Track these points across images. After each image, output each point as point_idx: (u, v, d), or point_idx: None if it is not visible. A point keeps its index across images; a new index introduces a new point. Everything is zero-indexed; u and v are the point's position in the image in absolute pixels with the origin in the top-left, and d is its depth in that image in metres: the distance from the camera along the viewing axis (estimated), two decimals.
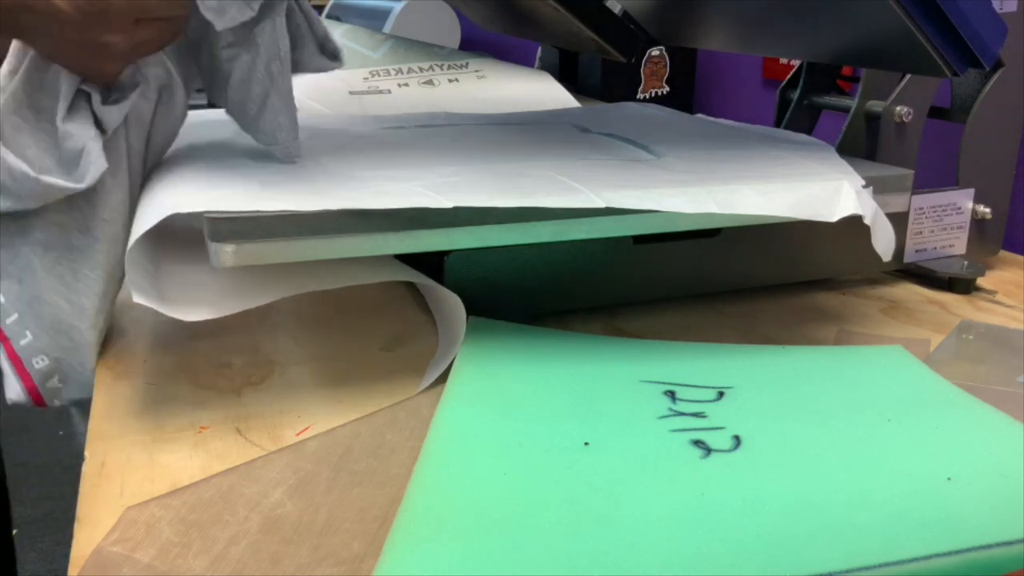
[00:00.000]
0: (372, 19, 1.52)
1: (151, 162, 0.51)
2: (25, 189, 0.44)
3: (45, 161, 0.45)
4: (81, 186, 0.45)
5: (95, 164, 0.45)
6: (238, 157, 0.51)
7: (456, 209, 0.43)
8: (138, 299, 0.41)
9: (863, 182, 0.49)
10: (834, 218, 0.46)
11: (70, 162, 0.45)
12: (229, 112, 0.51)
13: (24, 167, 0.44)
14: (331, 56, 0.51)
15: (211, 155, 0.51)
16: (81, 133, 0.45)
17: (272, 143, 0.49)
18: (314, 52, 0.50)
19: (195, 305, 0.44)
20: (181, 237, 0.49)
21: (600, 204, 0.44)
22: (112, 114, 0.46)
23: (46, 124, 0.45)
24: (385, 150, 0.57)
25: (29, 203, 0.45)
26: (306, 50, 0.50)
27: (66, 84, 0.45)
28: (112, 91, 0.47)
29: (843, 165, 0.53)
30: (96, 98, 0.46)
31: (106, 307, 0.49)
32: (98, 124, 0.46)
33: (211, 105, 0.55)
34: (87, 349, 0.48)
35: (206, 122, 0.60)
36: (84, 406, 0.48)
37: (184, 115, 0.51)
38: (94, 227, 0.47)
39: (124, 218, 0.48)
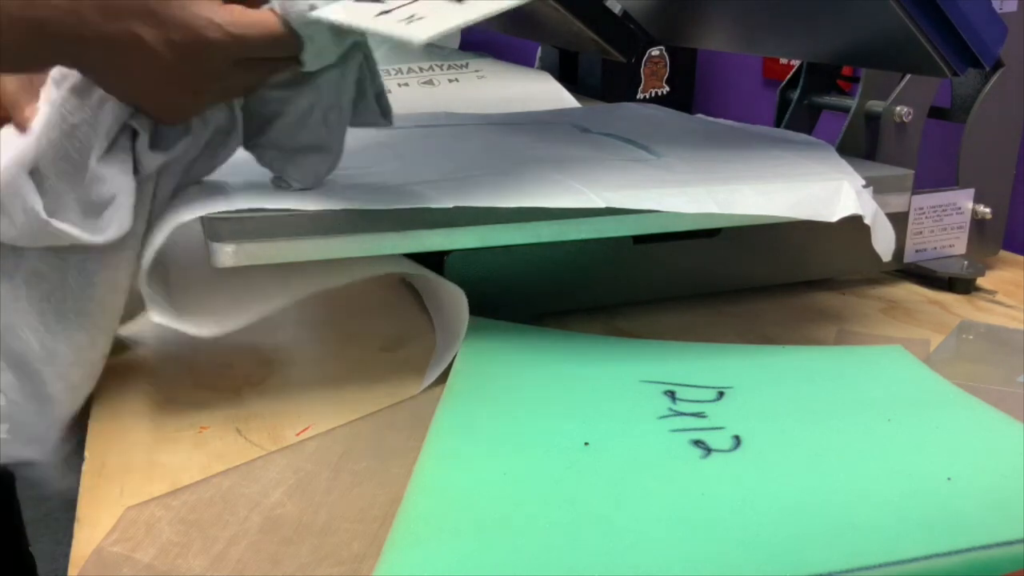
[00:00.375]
0: None
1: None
2: (31, 227, 0.39)
3: (63, 198, 0.40)
4: (97, 240, 0.40)
5: (120, 221, 0.40)
6: (240, 158, 0.51)
7: (456, 209, 0.43)
8: (156, 319, 0.41)
9: (863, 182, 0.49)
10: (834, 218, 0.46)
11: (92, 208, 0.40)
12: (252, 149, 0.45)
13: (37, 206, 0.39)
14: (384, 112, 0.46)
15: None
16: (114, 180, 0.40)
17: (297, 180, 0.44)
18: (371, 105, 0.45)
19: (210, 320, 0.43)
20: (187, 247, 0.49)
21: (601, 204, 0.44)
22: (155, 160, 0.41)
23: (75, 155, 0.39)
24: (386, 150, 0.57)
25: (28, 242, 0.40)
26: (363, 102, 0.45)
27: (111, 115, 0.39)
28: (165, 135, 0.41)
29: (843, 165, 0.53)
30: (144, 140, 0.40)
31: (89, 360, 0.43)
32: (135, 166, 0.41)
33: None
34: (48, 402, 0.42)
35: None
36: (38, 483, 0.43)
37: (228, 157, 0.46)
38: (93, 269, 0.42)
39: (131, 266, 0.43)
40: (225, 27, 0.37)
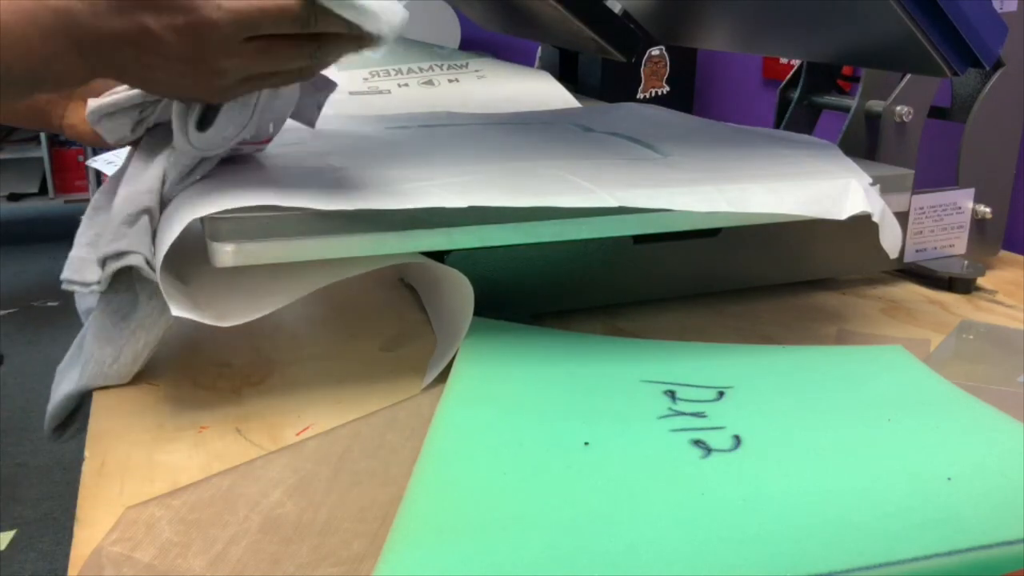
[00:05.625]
0: None
1: None
2: None
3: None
4: None
5: None
6: (247, 157, 0.51)
7: (459, 209, 0.42)
8: (176, 313, 0.41)
9: (870, 180, 0.49)
10: (843, 216, 0.47)
11: None
12: None
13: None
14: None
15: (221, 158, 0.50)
16: None
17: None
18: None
19: (227, 310, 0.43)
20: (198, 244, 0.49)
21: (613, 204, 0.44)
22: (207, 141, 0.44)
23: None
24: (390, 150, 0.57)
25: None
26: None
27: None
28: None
29: (849, 163, 0.53)
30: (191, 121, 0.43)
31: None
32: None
33: None
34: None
35: None
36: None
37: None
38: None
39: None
40: (224, 6, 0.37)
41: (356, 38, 0.39)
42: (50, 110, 0.59)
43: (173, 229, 0.41)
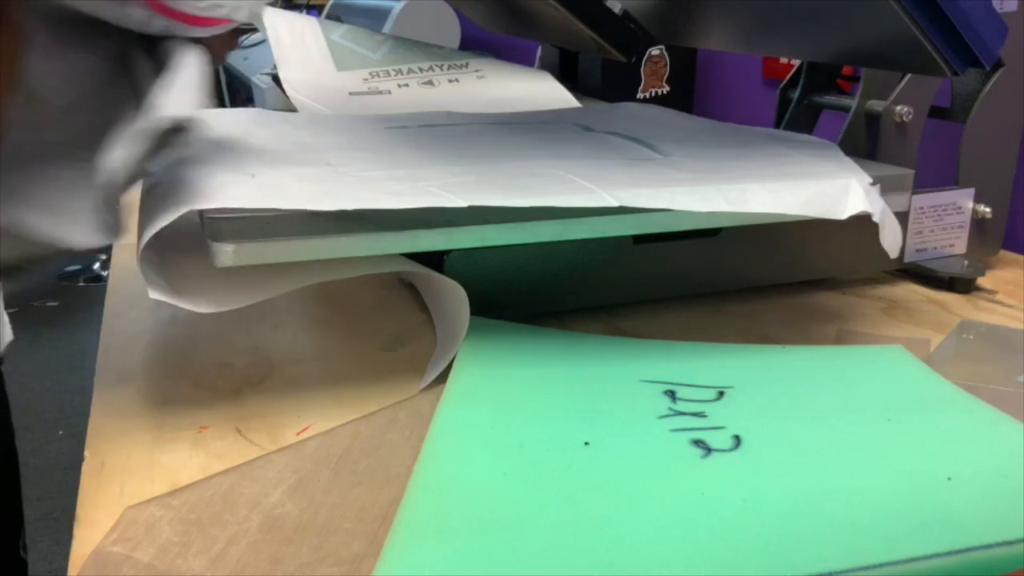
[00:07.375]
0: (372, 19, 1.52)
1: None
2: None
3: None
4: None
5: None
6: (247, 157, 0.51)
7: (460, 209, 0.42)
8: (154, 295, 0.41)
9: (870, 180, 0.49)
10: (844, 215, 0.47)
11: None
12: None
13: None
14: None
15: (219, 154, 0.51)
16: None
17: None
18: None
19: (210, 297, 0.43)
20: (184, 230, 0.49)
21: (613, 203, 0.44)
22: None
23: None
24: (390, 150, 0.57)
25: None
26: None
27: None
28: None
29: (849, 163, 0.53)
30: None
31: None
32: None
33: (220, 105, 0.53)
34: None
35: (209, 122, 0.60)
36: None
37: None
38: None
39: None
40: None
41: None
42: None
43: (165, 216, 0.40)
